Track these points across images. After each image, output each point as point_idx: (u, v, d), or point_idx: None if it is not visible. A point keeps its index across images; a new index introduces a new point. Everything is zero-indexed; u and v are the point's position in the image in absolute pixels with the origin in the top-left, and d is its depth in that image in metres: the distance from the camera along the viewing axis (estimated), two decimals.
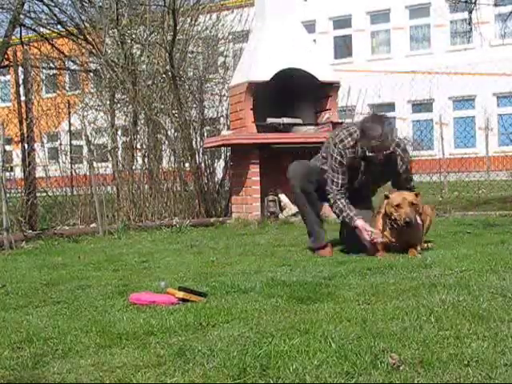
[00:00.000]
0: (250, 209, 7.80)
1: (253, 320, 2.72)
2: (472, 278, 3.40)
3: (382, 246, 4.59)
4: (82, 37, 11.32)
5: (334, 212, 4.90)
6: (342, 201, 4.77)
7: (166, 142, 9.03)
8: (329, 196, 4.83)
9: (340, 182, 4.78)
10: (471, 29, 10.20)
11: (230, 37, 10.44)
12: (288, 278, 3.64)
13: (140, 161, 8.73)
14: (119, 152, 8.84)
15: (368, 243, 4.60)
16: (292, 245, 5.43)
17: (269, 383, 1.98)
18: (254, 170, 7.74)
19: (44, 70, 13.55)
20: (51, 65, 13.50)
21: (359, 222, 4.65)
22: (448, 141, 16.85)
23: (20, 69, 7.82)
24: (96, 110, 9.25)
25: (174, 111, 8.85)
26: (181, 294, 3.16)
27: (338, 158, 4.76)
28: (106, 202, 7.73)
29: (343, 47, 26.70)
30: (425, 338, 2.31)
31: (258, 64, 7.91)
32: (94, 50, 9.87)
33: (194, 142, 8.94)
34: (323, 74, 8.09)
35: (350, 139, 4.76)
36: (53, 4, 12.23)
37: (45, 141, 9.61)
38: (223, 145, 8.36)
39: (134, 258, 5.07)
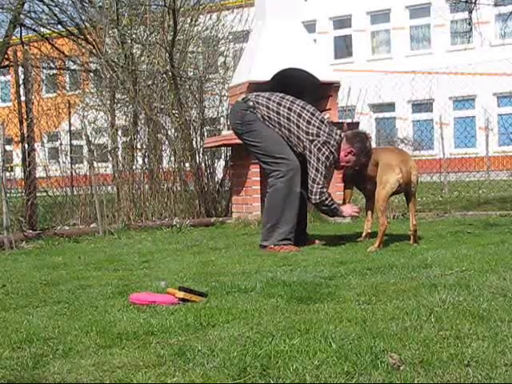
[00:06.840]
0: (250, 209, 7.79)
1: (253, 320, 2.72)
2: (472, 278, 3.40)
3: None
4: (82, 37, 11.34)
5: (322, 210, 5.39)
6: (329, 199, 5.22)
7: (166, 142, 9.02)
8: (315, 196, 5.18)
9: (322, 181, 5.18)
10: (471, 29, 10.18)
11: (230, 37, 10.43)
12: (288, 278, 3.64)
13: (140, 161, 8.73)
14: (119, 152, 8.83)
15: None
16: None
17: (269, 383, 1.98)
18: (255, 170, 7.72)
19: (44, 70, 13.58)
20: (51, 65, 13.51)
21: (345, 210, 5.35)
22: (448, 141, 16.84)
23: (20, 69, 7.81)
24: (96, 109, 9.24)
25: (174, 111, 8.84)
26: (181, 294, 3.15)
27: (326, 161, 5.16)
28: (106, 202, 7.73)
29: (343, 47, 26.71)
30: (425, 338, 2.30)
31: (258, 64, 7.90)
32: (94, 50, 9.88)
33: (194, 142, 8.93)
34: (323, 74, 8.08)
35: (333, 144, 5.20)
36: (53, 4, 12.25)
37: (45, 141, 9.60)
38: (223, 145, 8.35)
39: (134, 258, 5.07)
